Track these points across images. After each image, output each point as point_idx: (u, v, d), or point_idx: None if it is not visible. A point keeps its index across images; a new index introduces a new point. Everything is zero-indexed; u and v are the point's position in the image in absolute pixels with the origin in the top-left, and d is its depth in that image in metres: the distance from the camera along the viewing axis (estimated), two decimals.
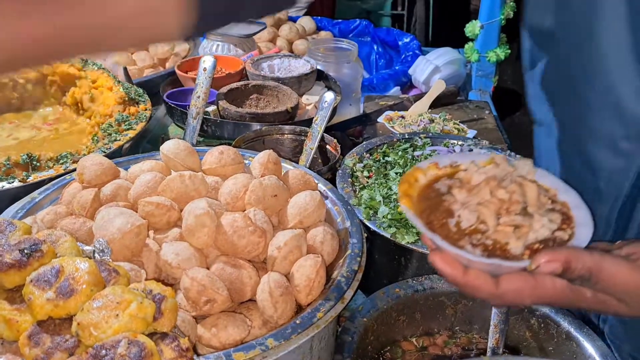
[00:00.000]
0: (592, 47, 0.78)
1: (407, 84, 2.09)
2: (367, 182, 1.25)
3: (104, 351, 0.61)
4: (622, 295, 0.62)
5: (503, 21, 1.96)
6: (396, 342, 1.07)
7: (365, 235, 1.02)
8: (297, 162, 1.30)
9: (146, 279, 0.83)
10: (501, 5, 1.93)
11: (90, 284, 0.68)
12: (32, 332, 0.66)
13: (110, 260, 0.78)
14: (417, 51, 2.21)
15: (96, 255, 0.78)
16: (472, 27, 1.98)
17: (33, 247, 0.72)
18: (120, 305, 0.65)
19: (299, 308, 0.88)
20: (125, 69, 1.64)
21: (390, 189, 1.20)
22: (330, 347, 0.97)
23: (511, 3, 1.95)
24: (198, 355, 0.70)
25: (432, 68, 1.95)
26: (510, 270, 0.61)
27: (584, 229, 0.64)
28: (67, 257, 0.72)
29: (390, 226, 1.11)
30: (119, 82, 1.48)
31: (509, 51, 2.00)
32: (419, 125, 1.57)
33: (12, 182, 1.13)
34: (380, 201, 1.16)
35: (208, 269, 0.88)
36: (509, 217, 0.63)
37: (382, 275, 1.18)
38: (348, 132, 1.64)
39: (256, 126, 1.41)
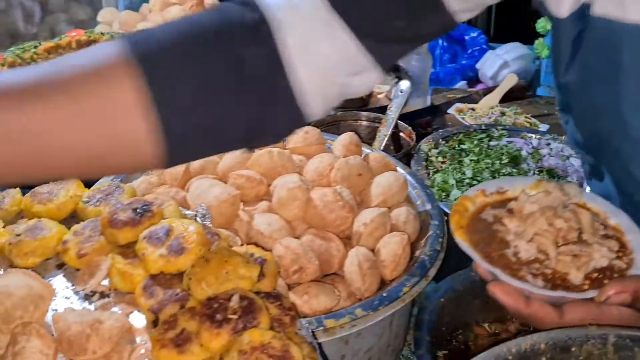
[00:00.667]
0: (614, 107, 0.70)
1: (473, 79, 2.09)
2: (441, 167, 1.26)
3: (217, 304, 0.64)
4: None
5: None
6: (469, 326, 1.08)
7: (445, 218, 1.03)
8: None
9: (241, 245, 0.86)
10: None
11: (199, 243, 0.72)
12: (146, 285, 0.70)
13: (211, 225, 0.82)
14: (484, 46, 2.21)
15: (198, 219, 0.82)
16: (544, 23, 1.96)
17: (145, 207, 0.77)
18: (228, 263, 0.69)
19: (383, 283, 0.90)
20: None
21: (463, 173, 1.21)
22: (405, 325, 0.99)
23: None
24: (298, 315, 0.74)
25: (501, 63, 1.95)
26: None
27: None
28: (175, 219, 0.76)
29: None
30: None
31: None
32: (489, 118, 1.57)
33: None
34: (453, 184, 1.18)
35: None
36: (567, 247, 0.64)
37: (451, 259, 1.18)
38: (417, 123, 1.65)
39: (331, 111, 1.44)
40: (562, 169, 1.22)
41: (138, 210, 0.76)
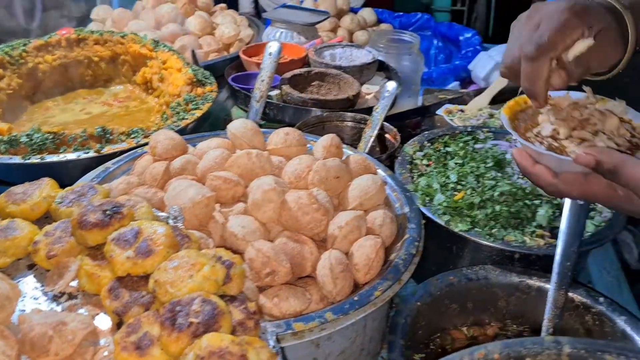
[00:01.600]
0: None
1: (466, 79, 2.08)
2: (426, 170, 1.26)
3: (179, 307, 0.64)
4: (638, 189, 0.73)
5: None
6: (446, 330, 1.08)
7: (424, 221, 1.03)
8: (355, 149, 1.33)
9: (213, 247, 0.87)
10: None
11: (167, 246, 0.72)
12: (112, 287, 0.70)
13: (182, 227, 0.82)
14: (478, 47, 2.19)
15: (170, 221, 0.82)
16: None
17: (115, 208, 0.77)
18: (194, 266, 0.69)
19: (356, 287, 0.90)
20: (193, 51, 1.69)
21: (448, 177, 1.20)
22: (382, 329, 0.99)
23: None
24: (264, 319, 0.74)
25: (494, 64, 1.94)
26: (568, 168, 0.78)
27: None
28: (145, 221, 0.76)
29: (445, 213, 1.12)
30: (187, 63, 1.54)
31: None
32: (478, 120, 1.56)
33: (88, 153, 1.19)
34: (437, 189, 1.17)
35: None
36: (579, 132, 0.80)
37: (432, 262, 1.18)
38: (406, 124, 1.65)
39: (317, 112, 1.44)
40: None
41: (108, 212, 0.76)
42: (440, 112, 1.63)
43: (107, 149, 1.21)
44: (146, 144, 1.22)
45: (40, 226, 0.82)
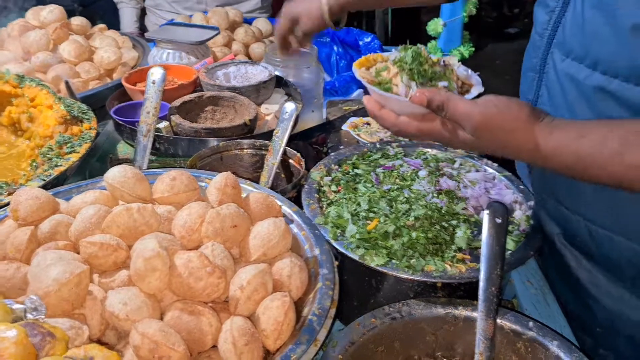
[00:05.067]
0: None
1: None
2: (335, 197, 1.16)
3: None
4: (462, 122, 0.88)
5: (466, 19, 1.90)
6: None
7: (337, 263, 0.93)
8: (258, 179, 1.21)
9: (90, 336, 0.72)
10: (463, 2, 1.87)
11: (19, 357, 0.57)
12: None
13: (44, 319, 0.67)
14: (378, 51, 2.14)
15: (28, 314, 0.67)
16: (435, 25, 1.92)
17: None
18: None
19: (267, 353, 0.79)
20: (67, 82, 1.51)
21: (359, 205, 1.11)
22: None
23: (473, 0, 1.89)
24: None
25: None
26: (407, 110, 0.94)
27: (471, 93, 0.98)
28: None
29: (358, 247, 1.02)
30: (60, 98, 1.35)
31: (473, 49, 1.95)
32: (386, 132, 1.49)
33: None
34: (348, 219, 1.08)
35: (162, 316, 0.78)
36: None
37: (352, 297, 1.10)
38: (311, 142, 1.55)
39: (213, 142, 1.31)
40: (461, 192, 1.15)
41: None
42: (346, 127, 1.55)
43: None
44: (9, 203, 1.04)
45: None
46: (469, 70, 1.06)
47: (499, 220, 0.98)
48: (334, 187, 1.19)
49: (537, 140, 0.86)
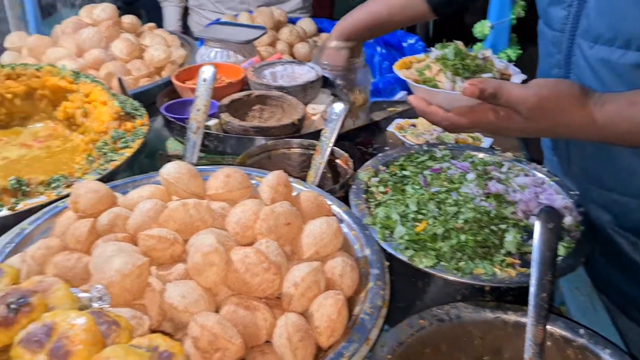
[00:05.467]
0: None
1: None
2: (383, 198, 1.16)
3: None
4: (518, 107, 0.89)
5: (514, 21, 1.88)
6: None
7: (387, 263, 0.94)
8: (304, 178, 1.22)
9: (150, 326, 0.74)
10: (511, 4, 1.85)
11: (88, 343, 0.60)
12: None
13: (109, 308, 0.70)
14: (422, 52, 2.13)
15: (93, 303, 0.70)
16: (481, 27, 1.90)
17: (21, 300, 0.64)
18: None
19: (318, 350, 0.80)
20: (120, 79, 1.55)
21: (407, 206, 1.11)
22: None
23: (521, 2, 1.87)
24: None
25: None
26: (456, 103, 0.96)
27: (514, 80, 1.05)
28: (61, 311, 0.63)
29: (407, 248, 1.02)
30: (113, 95, 1.39)
31: (521, 52, 1.92)
32: (432, 134, 1.49)
33: (0, 211, 1.04)
34: (396, 220, 1.08)
35: (217, 309, 0.80)
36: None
37: (399, 299, 1.10)
38: (356, 142, 1.56)
39: (261, 140, 1.33)
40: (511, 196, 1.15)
41: (13, 305, 0.63)
42: (391, 128, 1.55)
43: (23, 205, 1.05)
44: (69, 195, 1.07)
45: None
46: (505, 61, 1.10)
47: (551, 225, 0.97)
48: (381, 188, 1.19)
49: (592, 114, 0.90)
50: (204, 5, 2.77)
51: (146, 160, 1.52)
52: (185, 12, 2.98)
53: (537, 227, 0.96)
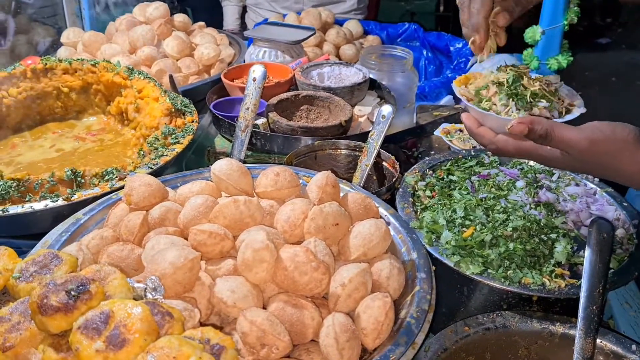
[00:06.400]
0: None
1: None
2: (430, 202, 1.15)
3: None
4: (569, 150, 0.86)
5: (566, 27, 1.83)
6: None
7: (434, 268, 0.93)
8: (350, 179, 1.22)
9: (200, 319, 0.75)
10: (564, 9, 1.81)
11: (144, 332, 0.61)
12: None
13: (162, 300, 0.71)
14: (470, 57, 2.10)
15: (148, 294, 0.71)
16: (532, 33, 1.85)
17: (80, 287, 0.65)
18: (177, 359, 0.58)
19: (364, 351, 0.80)
20: (171, 76, 1.58)
21: (454, 211, 1.10)
22: None
23: (575, 8, 1.82)
24: None
25: None
26: (506, 128, 0.89)
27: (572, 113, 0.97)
28: (118, 300, 0.65)
29: (454, 254, 1.02)
30: (165, 92, 1.42)
31: (572, 58, 1.87)
32: None
33: (56, 201, 1.07)
34: (443, 225, 1.07)
35: (265, 306, 0.80)
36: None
37: (441, 304, 1.09)
38: (402, 145, 1.55)
39: (307, 140, 1.34)
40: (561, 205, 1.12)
41: (72, 292, 0.65)
42: (438, 132, 1.54)
43: (78, 196, 1.09)
44: (122, 187, 1.10)
45: None
46: (572, 90, 1.03)
47: (604, 237, 0.95)
48: (428, 192, 1.19)
49: None
50: (261, 4, 2.81)
51: (192, 156, 1.55)
52: (243, 10, 3.03)
53: (590, 238, 0.94)
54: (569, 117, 0.94)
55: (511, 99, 0.96)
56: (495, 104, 0.97)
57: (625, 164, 0.86)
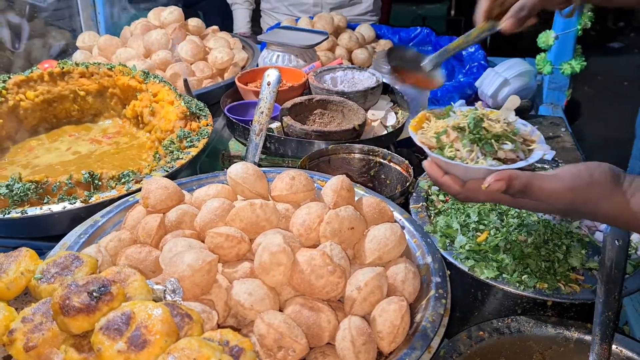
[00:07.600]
0: None
1: (471, 97, 1.99)
2: (443, 207, 1.16)
3: None
4: (549, 200, 0.81)
5: (580, 32, 1.83)
6: None
7: (449, 272, 0.93)
8: (364, 183, 1.23)
9: (217, 321, 0.76)
10: (578, 15, 1.81)
11: (164, 334, 0.62)
12: None
13: (181, 301, 0.72)
14: (482, 62, 2.10)
15: (167, 296, 0.72)
16: (546, 38, 1.86)
17: (102, 289, 0.66)
18: None
19: (380, 355, 0.80)
20: (185, 80, 1.59)
21: (468, 216, 1.11)
22: None
23: (589, 13, 1.82)
24: None
25: (501, 81, 1.84)
26: (474, 176, 0.84)
27: (536, 153, 0.89)
28: (139, 302, 0.66)
29: (468, 258, 1.02)
30: (180, 96, 1.43)
31: (585, 63, 1.87)
32: None
33: (74, 203, 1.09)
34: (457, 229, 1.08)
35: (281, 309, 0.81)
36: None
37: (455, 308, 1.09)
38: (414, 149, 1.56)
39: (321, 144, 1.34)
40: None
41: (94, 293, 0.66)
42: None
43: (96, 198, 1.10)
44: (138, 190, 1.12)
45: (18, 305, 0.71)
46: (528, 125, 0.96)
47: (619, 243, 0.95)
48: (442, 197, 1.19)
49: (624, 205, 0.82)
50: (277, 9, 2.81)
51: (206, 159, 1.56)
52: (257, 15, 3.03)
53: (605, 243, 0.94)
54: (533, 159, 0.88)
55: (475, 144, 0.88)
56: (459, 150, 0.89)
57: (604, 209, 0.83)
